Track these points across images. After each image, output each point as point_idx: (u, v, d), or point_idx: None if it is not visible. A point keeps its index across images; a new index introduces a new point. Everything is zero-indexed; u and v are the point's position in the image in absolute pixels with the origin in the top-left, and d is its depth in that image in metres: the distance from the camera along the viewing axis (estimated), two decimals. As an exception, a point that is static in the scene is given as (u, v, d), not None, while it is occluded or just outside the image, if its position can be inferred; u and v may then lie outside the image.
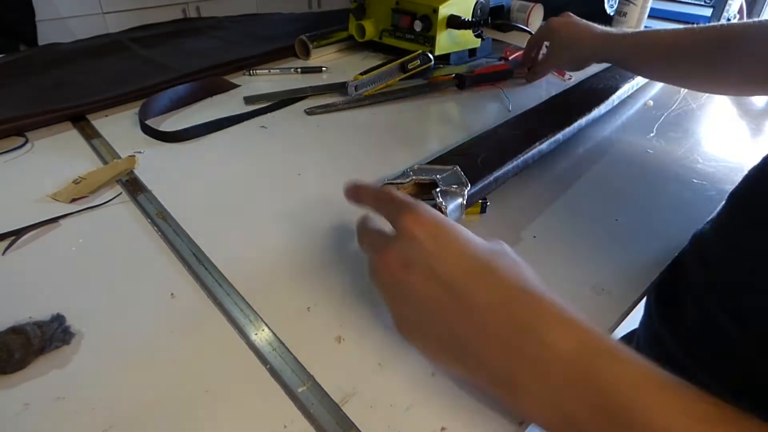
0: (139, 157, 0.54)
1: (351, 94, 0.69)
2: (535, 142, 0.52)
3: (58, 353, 0.32)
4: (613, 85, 0.69)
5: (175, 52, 0.82)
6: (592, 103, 0.63)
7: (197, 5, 2.17)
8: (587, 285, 0.39)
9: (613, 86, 0.68)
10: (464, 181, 0.43)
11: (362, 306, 0.36)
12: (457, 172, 0.44)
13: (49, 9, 1.81)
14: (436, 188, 0.42)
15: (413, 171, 0.45)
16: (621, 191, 0.52)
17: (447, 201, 0.41)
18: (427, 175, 0.44)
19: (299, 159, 0.56)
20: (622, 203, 0.50)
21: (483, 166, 0.47)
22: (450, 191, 0.42)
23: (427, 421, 0.29)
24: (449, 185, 0.42)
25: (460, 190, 0.42)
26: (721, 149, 0.60)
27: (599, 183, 0.53)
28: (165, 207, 0.47)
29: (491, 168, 0.47)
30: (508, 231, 0.45)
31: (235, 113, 0.64)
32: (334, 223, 0.45)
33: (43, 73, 0.73)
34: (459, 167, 0.45)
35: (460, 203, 0.42)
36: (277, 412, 0.29)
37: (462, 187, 0.42)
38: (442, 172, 0.44)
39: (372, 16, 0.84)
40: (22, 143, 0.57)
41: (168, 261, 0.41)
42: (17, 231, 0.43)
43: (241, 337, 0.34)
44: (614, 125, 0.66)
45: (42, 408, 0.29)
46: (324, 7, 2.55)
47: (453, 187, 0.42)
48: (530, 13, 0.99)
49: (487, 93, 0.74)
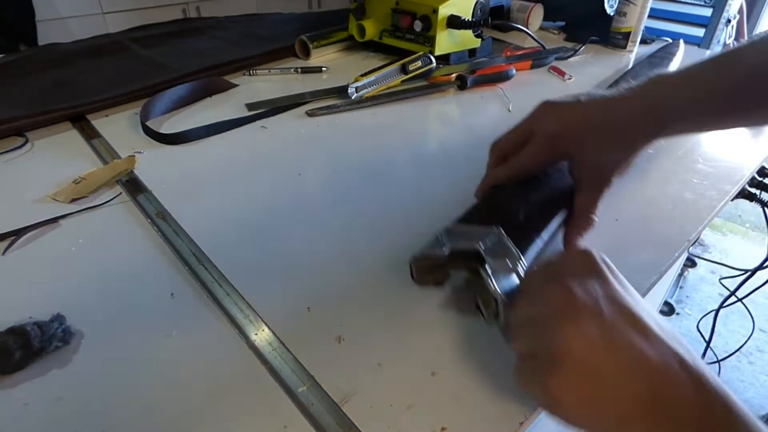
0: (139, 157, 0.54)
1: (352, 96, 0.69)
2: None
3: (58, 353, 0.32)
4: None
5: (175, 52, 0.82)
6: None
7: (197, 5, 2.17)
8: (587, 285, 0.39)
9: None
10: (514, 251, 0.33)
11: (362, 306, 0.36)
12: (502, 235, 0.34)
13: (49, 9, 1.81)
14: (483, 263, 0.32)
15: (446, 236, 0.35)
16: (621, 191, 0.52)
17: (501, 283, 0.30)
18: (465, 241, 0.34)
19: (300, 159, 0.56)
20: (622, 203, 0.50)
21: (528, 223, 0.36)
22: (502, 268, 0.31)
23: (427, 421, 0.29)
24: (497, 257, 0.32)
25: (514, 264, 0.31)
26: (721, 149, 0.60)
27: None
28: (165, 207, 0.47)
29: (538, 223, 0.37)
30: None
31: (236, 116, 0.64)
32: (335, 223, 0.45)
33: (43, 73, 0.73)
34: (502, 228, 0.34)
35: (516, 285, 0.31)
36: (277, 412, 0.29)
37: (515, 260, 0.32)
38: (484, 235, 0.34)
39: (372, 16, 0.84)
40: (22, 143, 0.57)
41: (168, 261, 0.41)
42: (17, 231, 0.43)
43: (241, 337, 0.34)
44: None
45: (42, 408, 0.29)
46: (324, 7, 2.54)
47: (505, 261, 0.32)
48: (530, 13, 0.99)
49: (488, 93, 0.74)
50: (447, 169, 0.55)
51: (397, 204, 0.48)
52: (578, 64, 0.86)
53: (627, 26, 0.89)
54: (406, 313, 0.36)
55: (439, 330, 0.35)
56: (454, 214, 0.48)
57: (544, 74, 0.82)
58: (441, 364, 0.32)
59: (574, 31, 0.99)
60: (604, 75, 0.82)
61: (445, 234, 0.35)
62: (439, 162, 0.56)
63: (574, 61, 0.87)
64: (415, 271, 0.35)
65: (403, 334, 0.34)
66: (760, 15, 1.28)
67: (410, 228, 0.45)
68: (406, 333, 0.34)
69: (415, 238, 0.43)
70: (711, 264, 1.75)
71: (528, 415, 0.29)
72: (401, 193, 0.50)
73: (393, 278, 0.39)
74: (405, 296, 0.37)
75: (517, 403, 0.30)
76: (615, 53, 0.91)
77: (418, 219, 0.46)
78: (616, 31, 0.91)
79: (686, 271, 1.69)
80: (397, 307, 0.36)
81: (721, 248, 1.88)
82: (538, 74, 0.82)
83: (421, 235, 0.44)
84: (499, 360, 0.32)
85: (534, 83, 0.78)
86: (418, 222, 0.46)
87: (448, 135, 0.63)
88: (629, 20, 0.89)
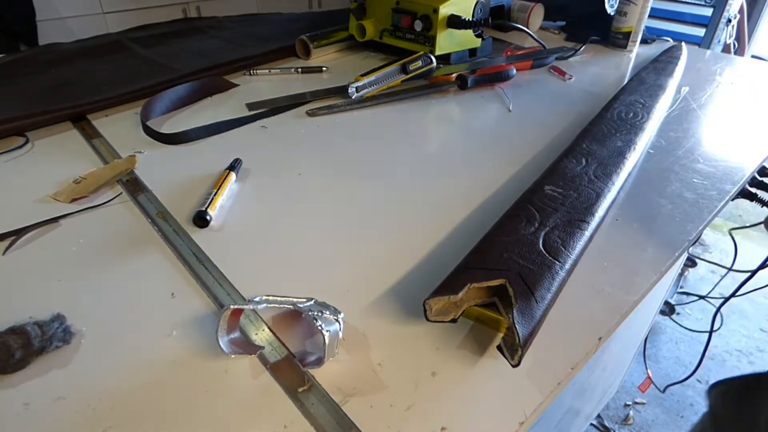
0: (139, 157, 0.54)
1: (352, 96, 0.69)
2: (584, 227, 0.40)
3: (58, 353, 0.32)
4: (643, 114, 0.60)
5: (175, 52, 0.82)
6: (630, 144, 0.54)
7: (197, 5, 2.17)
8: (587, 285, 0.39)
9: (643, 116, 0.60)
10: (332, 307, 0.34)
11: (362, 306, 0.36)
12: (319, 301, 0.35)
13: (49, 9, 1.81)
14: (303, 314, 0.32)
15: (265, 299, 0.33)
16: (621, 191, 0.52)
17: (325, 325, 0.31)
18: (281, 304, 0.33)
19: (300, 159, 0.56)
20: (622, 203, 0.49)
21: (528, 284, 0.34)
22: (324, 316, 0.32)
23: (427, 421, 0.29)
24: (317, 311, 0.33)
25: (335, 314, 0.33)
26: (722, 149, 0.60)
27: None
28: (165, 207, 0.47)
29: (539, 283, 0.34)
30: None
31: (236, 116, 0.64)
32: (335, 223, 0.45)
33: (43, 73, 0.73)
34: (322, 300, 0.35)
35: (336, 330, 0.32)
36: (277, 412, 0.29)
37: (336, 312, 0.34)
38: (301, 302, 0.34)
39: (372, 16, 0.84)
40: (22, 143, 0.57)
41: (168, 261, 0.41)
42: (17, 231, 0.43)
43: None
44: (614, 125, 0.66)
45: (42, 408, 0.29)
46: (324, 7, 2.54)
47: (325, 312, 0.33)
48: (530, 13, 0.99)
49: (488, 93, 0.74)
50: (447, 169, 0.55)
51: (397, 204, 0.48)
52: (579, 64, 0.86)
53: (627, 26, 0.89)
54: (406, 313, 0.36)
55: (439, 330, 0.35)
56: (454, 214, 0.48)
57: (545, 74, 0.82)
58: (441, 364, 0.32)
59: (575, 31, 0.99)
60: (605, 75, 0.82)
61: (260, 298, 0.33)
62: (439, 162, 0.56)
63: (574, 61, 0.87)
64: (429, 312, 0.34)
65: (403, 333, 0.34)
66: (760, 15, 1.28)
67: (410, 228, 0.45)
68: (406, 333, 0.34)
69: (415, 238, 0.43)
70: (711, 264, 1.75)
71: (528, 415, 0.29)
72: (401, 192, 0.50)
73: (393, 278, 0.39)
74: (405, 296, 0.37)
75: (517, 403, 0.30)
76: (615, 53, 0.91)
77: (417, 219, 0.46)
78: (617, 31, 0.91)
79: (686, 271, 1.69)
80: (397, 307, 0.36)
81: (721, 248, 1.88)
82: (538, 74, 0.82)
83: (421, 235, 0.44)
84: (499, 360, 0.32)
85: (534, 83, 0.78)
86: (418, 222, 0.46)
87: (448, 135, 0.63)
88: (630, 20, 0.89)
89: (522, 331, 0.30)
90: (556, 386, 0.31)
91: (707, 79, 0.81)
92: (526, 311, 0.32)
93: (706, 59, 0.90)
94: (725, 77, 0.82)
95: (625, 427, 1.29)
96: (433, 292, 0.34)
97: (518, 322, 0.31)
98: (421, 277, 0.39)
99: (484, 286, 0.34)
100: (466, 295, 0.34)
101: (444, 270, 0.36)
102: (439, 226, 0.45)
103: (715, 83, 0.79)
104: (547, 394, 0.31)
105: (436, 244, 0.43)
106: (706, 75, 0.82)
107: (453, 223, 0.45)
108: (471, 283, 0.33)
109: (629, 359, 1.18)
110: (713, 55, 0.94)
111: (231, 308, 0.32)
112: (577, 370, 0.33)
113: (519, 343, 0.30)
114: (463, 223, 0.45)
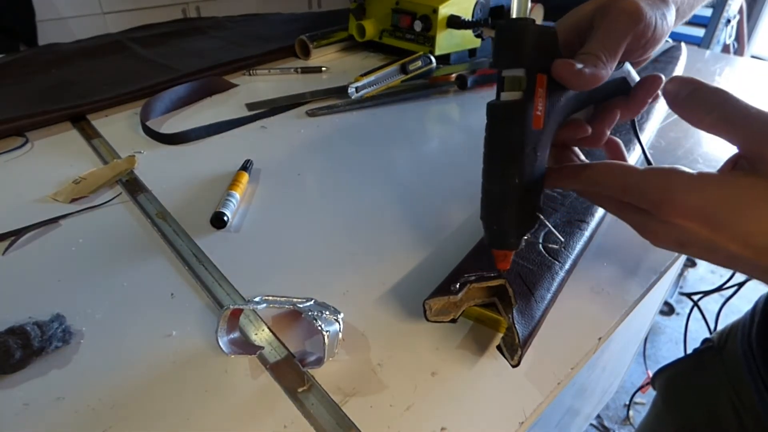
0: (139, 157, 0.54)
1: (352, 96, 0.69)
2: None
3: (58, 353, 0.32)
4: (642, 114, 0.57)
5: (175, 52, 0.82)
6: None
7: (197, 5, 2.17)
8: (587, 285, 0.39)
9: (643, 116, 0.58)
10: (331, 307, 0.35)
11: (362, 306, 0.36)
12: (319, 302, 0.35)
13: (49, 9, 1.81)
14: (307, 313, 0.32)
15: (265, 300, 0.34)
16: (621, 191, 0.52)
17: (325, 324, 0.31)
18: (281, 304, 0.34)
19: (300, 159, 0.56)
20: (622, 203, 0.49)
21: (528, 284, 0.35)
22: (325, 317, 0.32)
23: (427, 421, 0.29)
24: (317, 311, 0.33)
25: (335, 314, 0.34)
26: (722, 149, 0.60)
27: (599, 183, 0.53)
28: (165, 207, 0.47)
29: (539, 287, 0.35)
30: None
31: (236, 116, 0.64)
32: (334, 223, 0.45)
33: (43, 73, 0.73)
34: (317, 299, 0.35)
35: (336, 330, 0.32)
36: (277, 412, 0.29)
37: (336, 313, 0.34)
38: (300, 302, 0.34)
39: (372, 16, 0.84)
40: (22, 143, 0.57)
41: (168, 261, 0.41)
42: (17, 231, 0.43)
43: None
44: (614, 125, 0.66)
45: (42, 408, 0.29)
46: (324, 7, 2.54)
47: (325, 312, 0.33)
48: (530, 13, 0.99)
49: (488, 93, 0.74)
50: (447, 169, 0.54)
51: (397, 204, 0.48)
52: (578, 64, 0.86)
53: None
54: (406, 313, 0.36)
55: (439, 330, 0.35)
56: (454, 214, 0.48)
57: (544, 74, 0.82)
58: (441, 364, 0.32)
59: (574, 31, 0.99)
60: (604, 75, 0.82)
61: (259, 298, 0.34)
62: (439, 162, 0.56)
63: (574, 61, 0.87)
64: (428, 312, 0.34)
65: (403, 333, 0.34)
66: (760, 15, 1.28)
67: (410, 228, 0.45)
68: (406, 332, 0.34)
69: (415, 238, 0.43)
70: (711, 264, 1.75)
71: (528, 415, 0.29)
72: (401, 193, 0.50)
73: (392, 278, 0.39)
74: (404, 296, 0.37)
75: (516, 403, 0.30)
76: (615, 53, 0.91)
77: (417, 219, 0.46)
78: (616, 31, 0.91)
79: (686, 271, 1.70)
80: (397, 307, 0.36)
81: (721, 248, 1.88)
82: (538, 74, 0.81)
83: (421, 235, 0.44)
84: (499, 360, 0.32)
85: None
86: (418, 222, 0.46)
87: (448, 135, 0.63)
88: (629, 20, 0.89)
89: (522, 331, 0.30)
90: (556, 386, 0.31)
91: (707, 79, 0.80)
92: (526, 311, 0.32)
93: (705, 59, 0.91)
94: (725, 77, 0.82)
95: (625, 427, 1.29)
96: (433, 292, 0.34)
97: (518, 322, 0.31)
98: (421, 278, 0.39)
99: (484, 287, 0.34)
100: (466, 296, 0.34)
101: (444, 270, 0.36)
102: (439, 226, 0.45)
103: (714, 83, 0.79)
104: (547, 394, 0.31)
105: (436, 245, 0.43)
106: (705, 75, 0.82)
107: (453, 223, 0.45)
108: (471, 283, 0.34)
109: (629, 359, 1.18)
110: (713, 56, 0.94)
111: (231, 308, 0.32)
112: (577, 370, 0.33)
113: (519, 343, 0.30)
114: (463, 223, 0.45)
